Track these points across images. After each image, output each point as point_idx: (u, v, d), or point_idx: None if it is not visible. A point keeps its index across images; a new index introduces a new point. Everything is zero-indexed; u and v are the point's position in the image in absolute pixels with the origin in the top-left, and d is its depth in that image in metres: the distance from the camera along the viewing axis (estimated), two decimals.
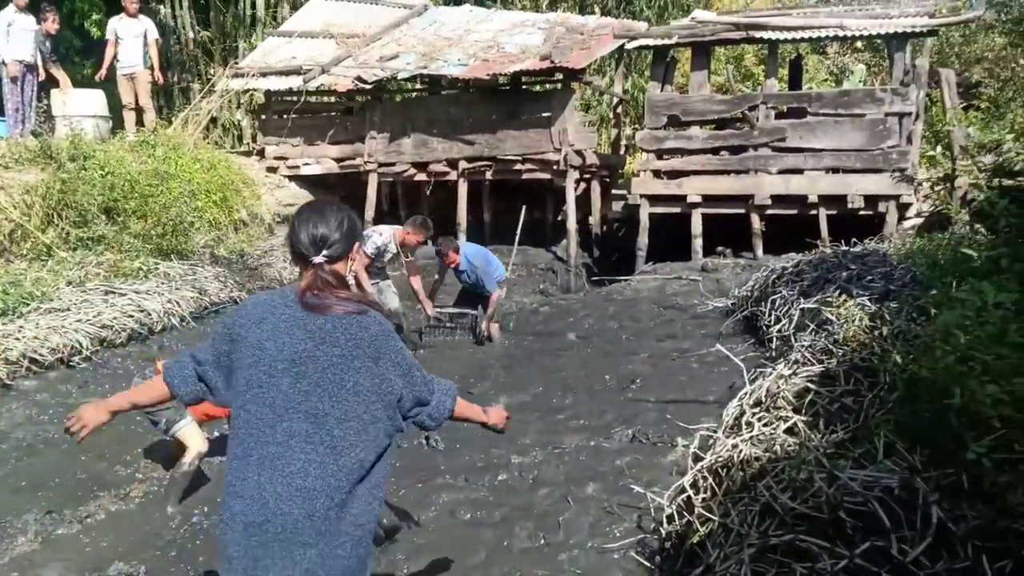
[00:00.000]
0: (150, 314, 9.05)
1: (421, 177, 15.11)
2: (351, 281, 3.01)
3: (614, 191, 15.66)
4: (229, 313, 2.81)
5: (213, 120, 16.07)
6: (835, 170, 12.47)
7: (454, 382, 3.04)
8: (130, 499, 5.15)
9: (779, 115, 13.07)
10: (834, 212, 12.37)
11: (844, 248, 9.82)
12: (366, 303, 2.80)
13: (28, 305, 8.29)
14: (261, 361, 2.66)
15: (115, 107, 13.71)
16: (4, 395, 6.98)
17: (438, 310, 9.60)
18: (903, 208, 12.29)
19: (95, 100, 13.09)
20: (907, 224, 12.32)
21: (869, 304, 6.76)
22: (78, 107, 12.65)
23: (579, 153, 13.74)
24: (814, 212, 12.46)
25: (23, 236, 9.77)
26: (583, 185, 14.81)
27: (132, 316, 8.80)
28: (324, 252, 2.77)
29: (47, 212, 10.10)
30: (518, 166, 14.15)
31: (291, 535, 2.50)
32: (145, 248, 10.49)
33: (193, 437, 5.32)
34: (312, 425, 2.61)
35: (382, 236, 8.67)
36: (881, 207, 12.14)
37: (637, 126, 17.60)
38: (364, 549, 2.64)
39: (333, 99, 16.31)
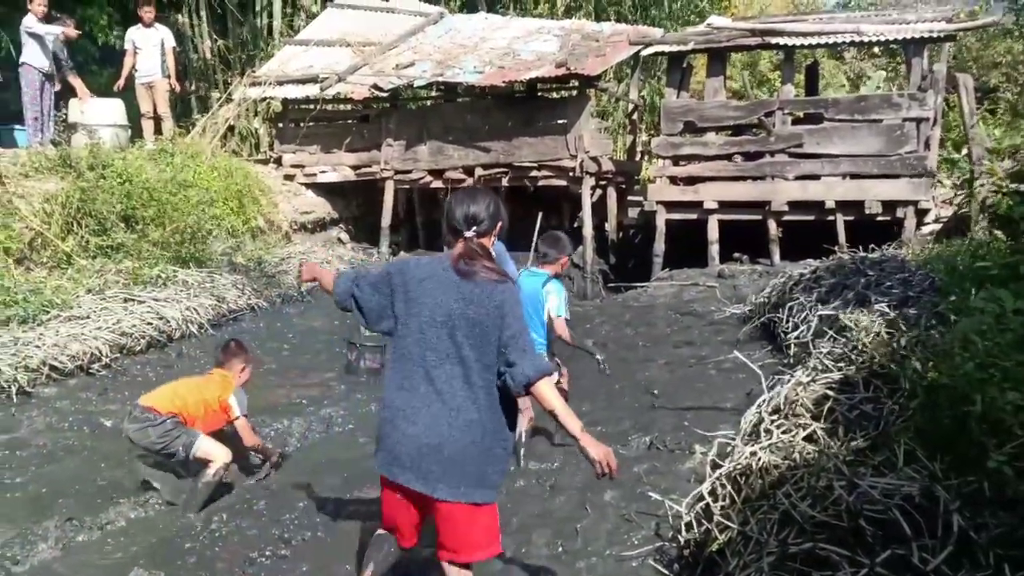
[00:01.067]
0: (169, 321, 9.10)
1: (437, 184, 15.14)
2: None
3: (630, 197, 15.65)
4: (394, 265, 3.55)
5: (231, 128, 16.15)
6: (852, 176, 12.41)
7: None
8: (149, 506, 5.17)
9: (795, 121, 13.02)
10: (852, 218, 12.31)
11: (862, 254, 9.77)
12: (503, 274, 3.45)
13: (48, 313, 8.36)
14: (422, 313, 3.36)
15: (133, 116, 13.79)
16: (25, 403, 7.03)
17: None
18: (921, 214, 12.22)
19: (113, 109, 13.17)
20: (925, 230, 12.25)
21: (888, 311, 6.73)
22: (97, 116, 12.72)
23: (595, 160, 13.74)
24: (831, 218, 12.40)
25: (43, 244, 9.84)
26: (599, 191, 14.81)
27: (151, 324, 8.85)
28: (474, 228, 3.45)
29: (67, 220, 10.17)
30: (534, 173, 14.16)
31: (461, 456, 3.31)
32: (164, 256, 10.55)
33: (214, 449, 5.36)
34: (465, 369, 3.34)
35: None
36: (899, 213, 12.08)
37: (653, 132, 17.61)
38: (506, 464, 3.57)
39: (350, 107, 16.37)
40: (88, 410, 6.97)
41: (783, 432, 4.87)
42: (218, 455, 5.33)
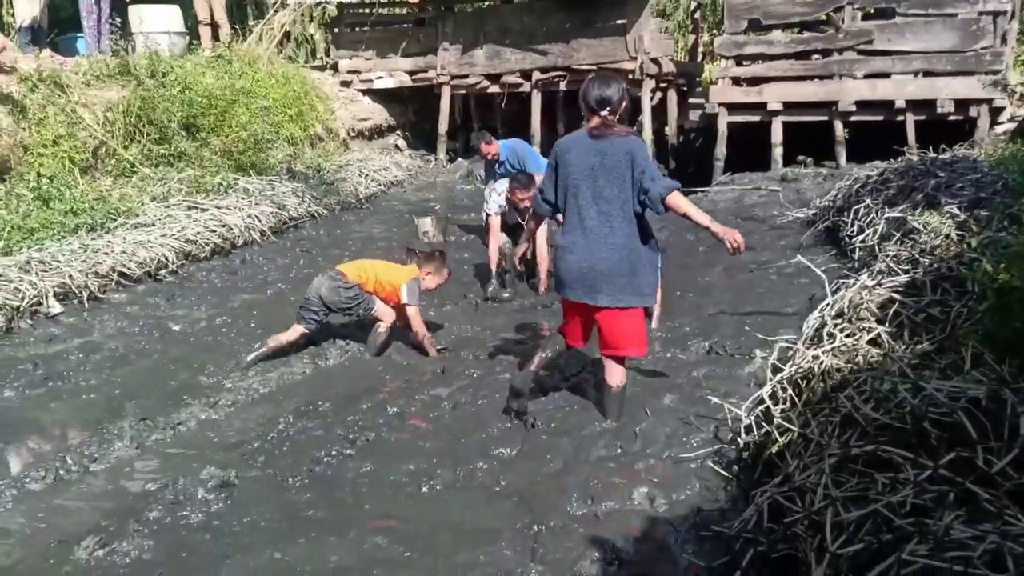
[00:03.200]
0: (231, 229, 9.25)
1: (494, 89, 14.97)
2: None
3: (691, 100, 15.32)
4: (553, 151, 4.70)
5: (286, 34, 16.07)
6: (924, 73, 11.96)
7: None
8: (219, 408, 5.31)
9: (865, 16, 12.54)
10: (922, 118, 11.93)
11: (932, 155, 9.49)
12: (629, 131, 4.54)
13: (115, 221, 8.54)
14: (572, 173, 4.50)
15: (190, 23, 13.78)
16: (96, 308, 7.23)
17: None
18: (995, 112, 11.80)
19: (171, 16, 13.16)
20: (999, 129, 11.83)
21: (958, 212, 6.55)
22: (154, 23, 12.73)
23: (655, 61, 13.43)
24: (901, 118, 12.04)
25: (107, 153, 9.99)
26: (659, 94, 14.51)
27: (214, 231, 9.00)
28: (607, 108, 4.45)
29: (129, 129, 10.29)
30: (593, 76, 13.89)
31: (612, 271, 4.45)
32: (225, 164, 10.67)
33: (386, 311, 6.30)
34: (610, 206, 4.44)
35: (499, 195, 7.94)
36: (972, 112, 11.67)
37: (716, 32, 17.10)
38: (655, 276, 4.66)
39: (405, 11, 16.14)
40: (157, 315, 7.14)
41: (846, 336, 4.82)
42: (388, 315, 6.29)
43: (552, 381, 5.50)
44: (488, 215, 8.03)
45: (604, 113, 4.44)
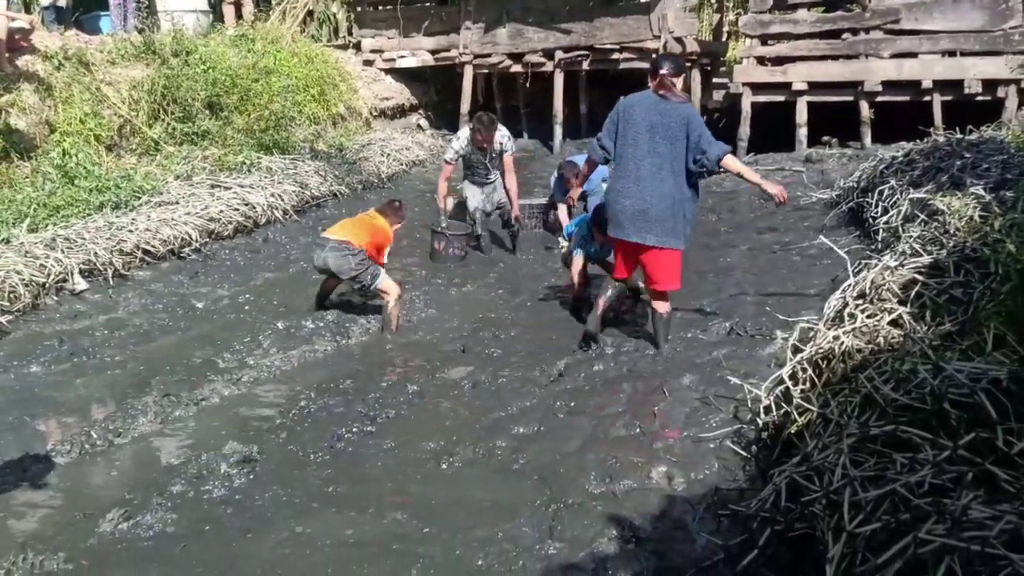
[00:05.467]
0: (254, 207, 9.30)
1: (517, 68, 14.93)
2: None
3: (715, 79, 15.21)
4: (617, 107, 5.40)
5: (309, 13, 16.08)
6: (951, 53, 11.82)
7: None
8: (241, 384, 5.36)
9: None
10: (949, 98, 11.82)
11: (958, 136, 9.39)
12: (687, 99, 5.38)
13: (139, 199, 8.60)
14: (633, 127, 5.24)
15: (215, 1, 13.81)
16: (120, 284, 7.31)
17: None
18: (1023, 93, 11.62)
19: None
20: None
21: (983, 194, 6.49)
22: (179, 1, 12.77)
23: (679, 40, 13.35)
24: (927, 98, 11.92)
25: (131, 131, 10.06)
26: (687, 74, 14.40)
27: (237, 209, 9.06)
28: (666, 67, 5.27)
29: (152, 107, 10.35)
30: (615, 55, 13.84)
31: (660, 216, 5.21)
32: (248, 142, 10.70)
33: (392, 284, 6.33)
34: (662, 159, 5.19)
35: (459, 141, 8.38)
36: (1000, 92, 11.54)
37: (740, 11, 16.92)
38: (692, 225, 5.47)
39: None
40: (181, 292, 7.21)
41: (868, 317, 4.79)
42: (394, 289, 6.32)
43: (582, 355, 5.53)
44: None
45: (663, 71, 5.24)
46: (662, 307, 5.63)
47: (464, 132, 8.43)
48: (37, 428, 4.79)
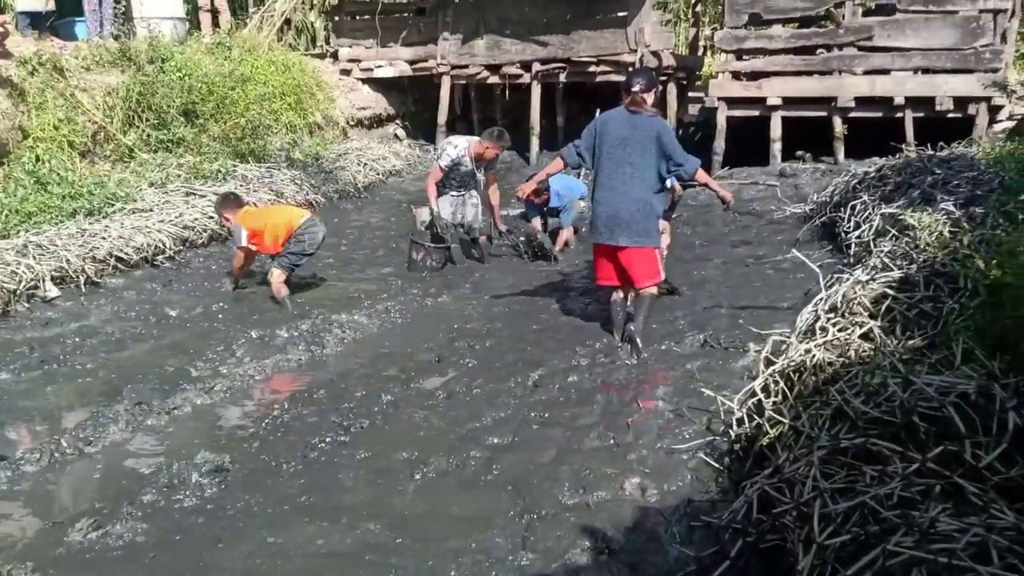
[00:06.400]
0: None
1: (494, 80, 14.95)
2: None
3: (691, 94, 15.32)
4: (593, 122, 5.88)
5: (287, 22, 16.05)
6: (924, 70, 11.97)
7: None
8: (214, 393, 5.32)
9: (866, 12, 12.55)
10: (921, 115, 11.96)
11: (930, 152, 9.51)
12: (657, 113, 5.85)
13: (113, 206, 8.55)
14: (607, 141, 5.70)
15: (191, 9, 13.75)
16: (93, 292, 7.25)
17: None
18: (994, 111, 11.82)
19: (172, 2, 13.14)
20: (998, 127, 11.86)
21: (953, 209, 6.58)
22: (156, 8, 12.72)
23: (655, 54, 13.43)
24: (900, 115, 12.06)
25: (106, 138, 10.00)
26: (659, 87, 14.49)
27: (212, 217, 9.00)
28: (637, 85, 5.66)
29: (127, 114, 10.30)
30: (592, 68, 13.89)
31: (629, 219, 5.69)
32: (223, 151, 10.67)
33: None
34: (634, 169, 5.66)
35: (456, 149, 8.18)
36: (971, 109, 11.69)
37: (716, 26, 17.07)
38: (656, 224, 5.88)
39: (406, 0, 16.11)
40: (154, 300, 7.16)
41: (839, 330, 4.85)
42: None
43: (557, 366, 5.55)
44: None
45: (634, 89, 5.64)
46: (644, 291, 5.98)
47: (461, 141, 8.32)
48: (6, 435, 4.73)
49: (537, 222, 8.84)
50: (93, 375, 5.61)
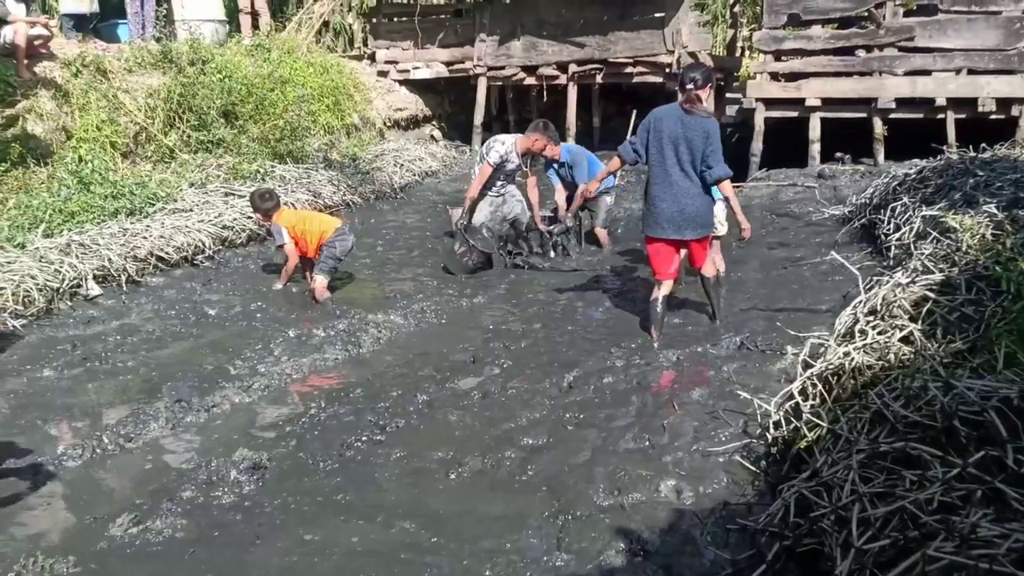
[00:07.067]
0: None
1: (531, 81, 14.97)
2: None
3: (728, 95, 15.23)
4: (647, 119, 5.96)
5: (325, 24, 16.17)
6: (966, 71, 11.80)
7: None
8: (252, 391, 5.37)
9: (907, 12, 12.38)
10: (963, 116, 11.78)
11: (972, 154, 9.37)
12: (710, 113, 5.92)
13: (153, 205, 8.66)
14: (661, 139, 5.81)
15: (232, 11, 13.90)
16: (134, 291, 7.35)
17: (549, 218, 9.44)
18: None
19: (213, 4, 13.30)
20: None
21: (996, 212, 6.48)
22: (196, 11, 12.87)
23: (693, 55, 13.38)
24: (941, 116, 11.89)
25: (147, 139, 10.13)
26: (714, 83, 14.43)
27: (251, 217, 9.07)
28: (692, 83, 5.73)
29: (168, 115, 10.43)
30: (629, 69, 13.86)
31: (694, 214, 5.87)
32: (262, 151, 10.77)
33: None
34: (688, 168, 5.80)
35: (504, 146, 8.21)
36: (1014, 111, 11.50)
37: (755, 26, 16.96)
38: (711, 219, 6.07)
39: (443, 1, 16.20)
40: (193, 299, 7.25)
41: (879, 333, 4.79)
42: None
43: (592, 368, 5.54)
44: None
45: (689, 87, 5.74)
46: (710, 270, 6.36)
47: (508, 138, 8.35)
48: (49, 432, 4.82)
49: (561, 194, 9.04)
50: (134, 373, 5.69)
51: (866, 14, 12.37)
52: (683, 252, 6.37)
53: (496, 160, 8.10)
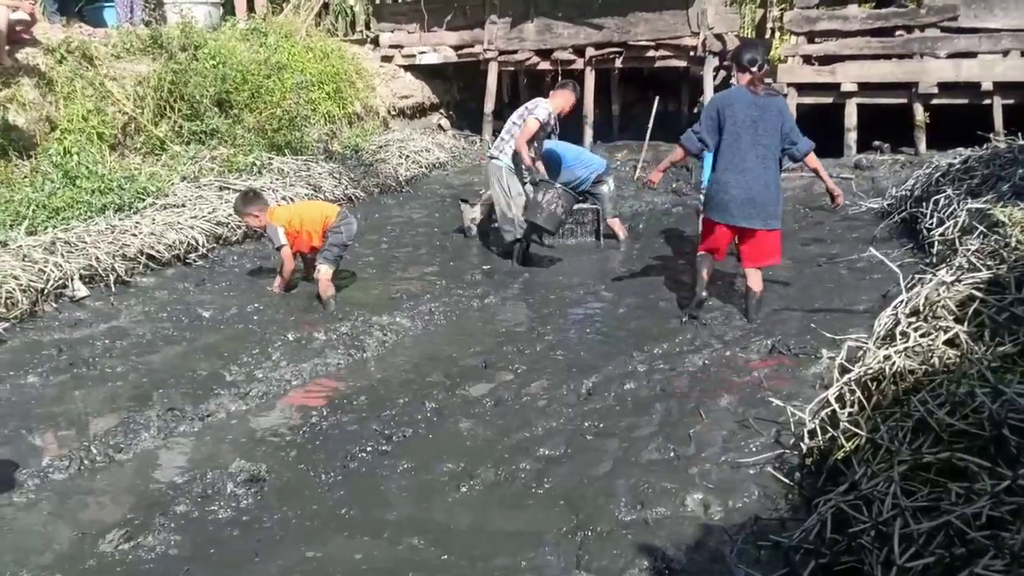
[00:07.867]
0: None
1: (545, 66, 14.95)
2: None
3: None
4: (712, 104, 6.33)
5: (325, 6, 16.21)
6: (1017, 53, 11.74)
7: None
8: (249, 399, 5.39)
9: None
10: (1011, 102, 11.72)
11: (1021, 142, 9.32)
12: (777, 92, 6.55)
13: (144, 200, 8.69)
14: (736, 123, 6.16)
15: None
16: (123, 292, 7.38)
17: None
18: None
19: None
20: None
21: None
22: None
23: (719, 37, 13.34)
24: (988, 101, 11.84)
25: (136, 130, 10.18)
26: (723, 73, 14.40)
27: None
28: (755, 66, 6.20)
29: (159, 104, 10.47)
30: (651, 53, 13.83)
31: (764, 203, 6.22)
32: (258, 142, 10.79)
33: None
34: (765, 151, 6.20)
35: (545, 107, 8.46)
36: None
37: (786, 6, 16.90)
38: (779, 211, 6.41)
39: None
40: (186, 300, 7.27)
41: (921, 336, 4.77)
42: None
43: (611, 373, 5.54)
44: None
45: (754, 70, 6.16)
46: (757, 285, 6.57)
47: (544, 101, 8.60)
48: (33, 442, 4.84)
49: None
50: (123, 379, 5.71)
51: None
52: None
53: (544, 117, 8.36)
